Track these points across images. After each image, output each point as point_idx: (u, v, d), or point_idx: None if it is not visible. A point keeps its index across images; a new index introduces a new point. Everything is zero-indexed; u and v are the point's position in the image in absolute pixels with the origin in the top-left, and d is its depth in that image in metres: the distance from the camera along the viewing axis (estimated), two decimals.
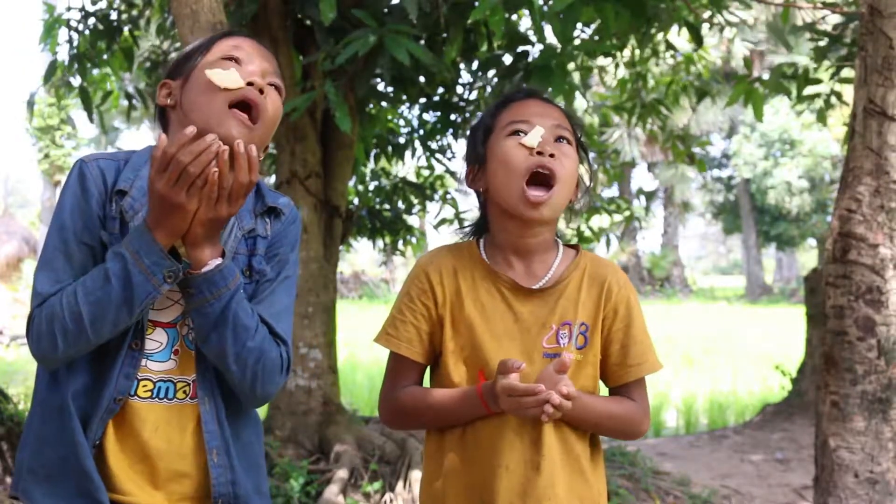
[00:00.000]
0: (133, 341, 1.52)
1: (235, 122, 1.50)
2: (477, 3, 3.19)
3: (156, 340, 1.54)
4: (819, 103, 4.65)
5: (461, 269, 1.67)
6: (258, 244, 1.62)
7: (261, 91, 1.53)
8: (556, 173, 1.58)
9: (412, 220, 6.59)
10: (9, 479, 4.96)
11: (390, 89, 4.68)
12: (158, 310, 1.54)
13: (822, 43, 4.31)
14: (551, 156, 1.58)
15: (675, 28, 4.66)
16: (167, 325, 1.55)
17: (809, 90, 4.50)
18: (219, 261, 1.48)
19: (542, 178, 1.59)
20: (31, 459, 1.55)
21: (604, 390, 1.73)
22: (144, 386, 1.53)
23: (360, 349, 12.74)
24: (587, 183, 1.74)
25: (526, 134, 1.60)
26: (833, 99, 4.56)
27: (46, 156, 24.42)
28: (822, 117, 4.62)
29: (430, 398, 1.65)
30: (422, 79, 4.45)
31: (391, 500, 4.27)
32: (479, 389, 1.57)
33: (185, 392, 1.56)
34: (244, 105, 1.52)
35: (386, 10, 3.97)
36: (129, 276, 1.42)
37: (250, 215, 1.63)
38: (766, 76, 4.50)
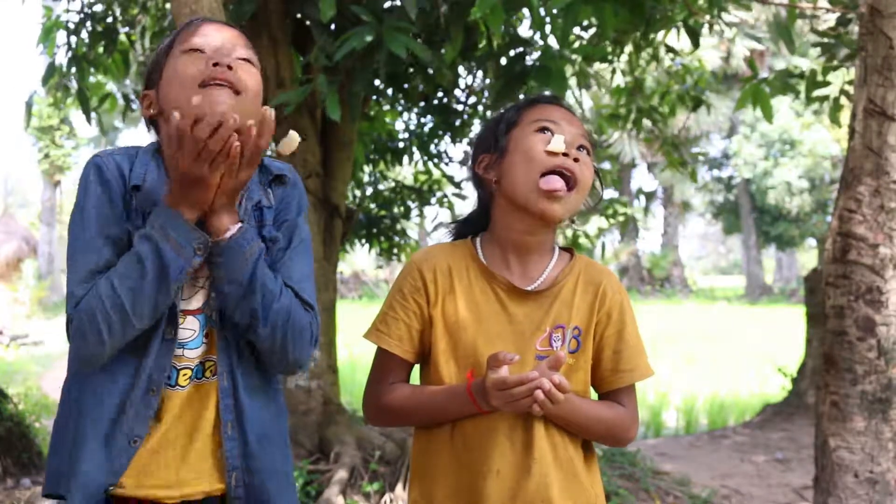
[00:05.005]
0: (166, 329, 1.52)
1: (214, 97, 1.48)
2: (477, 2, 3.18)
3: (189, 329, 1.55)
4: (827, 105, 4.62)
5: (456, 268, 1.66)
6: (265, 214, 1.62)
7: (229, 67, 1.52)
8: (577, 176, 1.59)
9: (409, 226, 6.59)
10: (9, 480, 4.96)
11: (389, 90, 4.68)
12: (186, 298, 1.55)
13: (827, 40, 4.29)
14: (575, 160, 1.60)
15: (674, 31, 4.66)
16: (197, 312, 1.56)
17: (818, 92, 4.47)
18: (239, 225, 1.50)
19: (562, 178, 1.59)
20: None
21: (593, 396, 1.73)
22: (185, 374, 1.55)
23: (360, 349, 12.74)
24: (598, 192, 1.75)
25: (552, 133, 1.61)
26: (843, 99, 4.53)
27: (46, 156, 24.42)
28: (834, 118, 4.58)
29: (418, 395, 1.63)
30: (420, 80, 4.45)
31: (391, 501, 4.27)
32: (468, 388, 1.56)
33: (211, 371, 1.58)
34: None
35: (385, 9, 3.97)
36: (161, 254, 1.43)
37: (258, 187, 1.63)
38: (771, 77, 4.49)
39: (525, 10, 4.16)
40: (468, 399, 1.56)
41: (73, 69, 5.11)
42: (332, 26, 4.16)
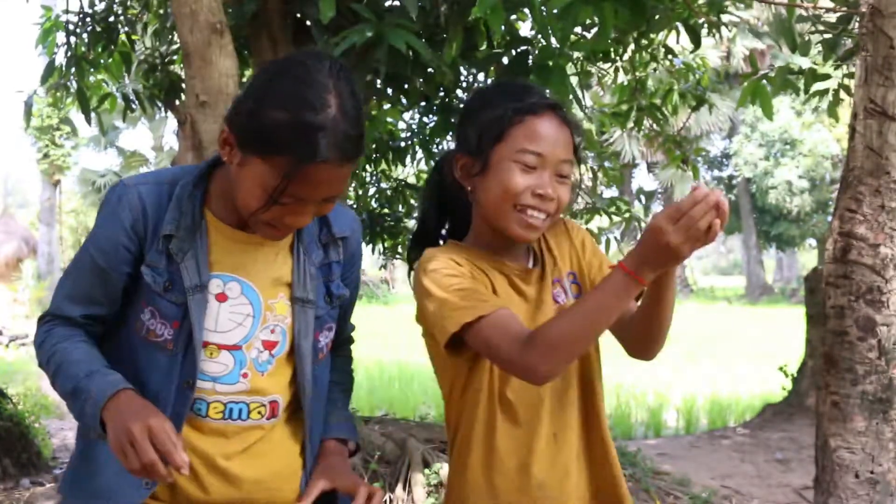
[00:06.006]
0: (184, 380, 1.50)
1: (271, 235, 1.49)
2: (478, 2, 3.18)
3: (221, 363, 1.52)
4: (827, 100, 4.62)
5: (470, 259, 1.63)
6: (333, 269, 1.62)
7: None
8: (553, 211, 1.59)
9: (411, 224, 6.59)
10: (9, 481, 4.95)
11: (389, 90, 4.67)
12: (222, 332, 1.52)
13: (828, 36, 4.29)
14: (551, 200, 1.57)
15: (673, 33, 4.66)
16: (232, 348, 1.52)
17: (817, 86, 4.48)
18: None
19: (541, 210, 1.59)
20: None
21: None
22: (215, 408, 1.53)
23: (361, 349, 12.71)
24: (580, 185, 1.75)
25: (533, 169, 1.55)
26: (842, 94, 4.53)
27: (46, 156, 24.40)
28: (833, 112, 4.58)
29: (570, 311, 1.46)
30: (420, 80, 4.44)
31: (391, 501, 4.27)
32: (621, 265, 1.40)
33: (260, 413, 1.55)
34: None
35: (385, 8, 3.96)
36: (73, 402, 1.47)
37: (317, 246, 1.61)
38: (771, 74, 4.49)
39: (526, 10, 4.15)
40: (623, 274, 1.39)
41: (73, 69, 5.11)
42: (335, 27, 4.16)
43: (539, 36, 4.11)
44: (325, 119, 1.35)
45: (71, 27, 5.13)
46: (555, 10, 3.46)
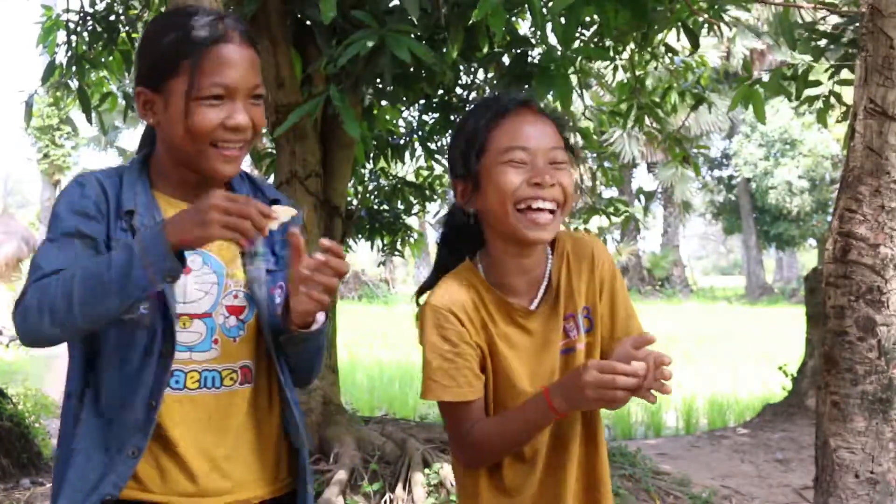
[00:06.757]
0: (163, 347, 1.52)
1: (221, 161, 1.55)
2: (478, 4, 3.18)
3: (195, 332, 1.56)
4: (819, 104, 4.65)
5: (477, 301, 1.63)
6: (273, 233, 1.64)
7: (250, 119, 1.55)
8: (558, 200, 1.57)
9: (410, 221, 6.61)
10: (8, 481, 4.95)
11: (391, 88, 4.68)
12: (190, 302, 1.56)
13: (821, 43, 4.31)
14: (551, 185, 1.56)
15: (674, 32, 4.67)
16: (203, 316, 1.57)
17: (809, 91, 4.50)
18: (324, 315, 1.58)
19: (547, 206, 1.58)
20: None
21: None
22: (192, 377, 1.56)
23: (360, 349, 12.73)
24: (581, 185, 1.75)
25: (524, 163, 1.55)
26: (832, 100, 4.56)
27: (46, 155, 24.41)
28: (822, 118, 4.61)
29: (499, 421, 1.62)
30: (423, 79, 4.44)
31: (391, 501, 4.27)
32: (545, 391, 1.53)
33: (232, 379, 1.59)
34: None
35: (387, 11, 3.96)
36: (130, 268, 1.39)
37: None
38: (766, 77, 4.51)
39: (526, 10, 4.15)
40: (544, 401, 1.52)
41: (74, 68, 5.12)
42: (336, 31, 4.16)
43: (538, 36, 4.11)
44: (202, 12, 1.55)
45: (71, 26, 5.14)
46: (557, 11, 3.46)
